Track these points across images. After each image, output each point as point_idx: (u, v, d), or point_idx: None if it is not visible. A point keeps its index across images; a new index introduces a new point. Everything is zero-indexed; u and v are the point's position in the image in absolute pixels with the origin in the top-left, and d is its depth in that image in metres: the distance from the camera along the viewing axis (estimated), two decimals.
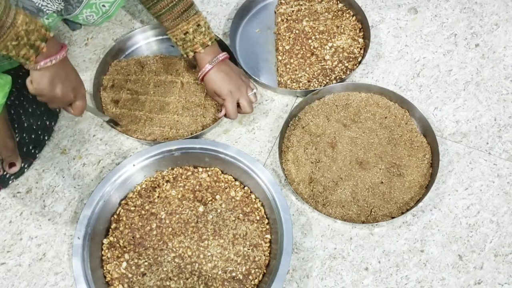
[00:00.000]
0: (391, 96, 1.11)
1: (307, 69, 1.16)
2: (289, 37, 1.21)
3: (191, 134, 1.09)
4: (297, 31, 1.21)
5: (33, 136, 1.11)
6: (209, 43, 1.01)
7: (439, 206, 1.03)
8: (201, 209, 1.00)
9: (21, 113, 1.14)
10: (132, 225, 0.99)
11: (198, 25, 0.99)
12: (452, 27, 1.26)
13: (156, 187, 1.03)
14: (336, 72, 1.16)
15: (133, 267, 0.95)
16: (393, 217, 0.97)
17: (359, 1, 1.25)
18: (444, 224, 1.01)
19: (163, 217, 0.99)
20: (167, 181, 1.03)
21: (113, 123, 1.08)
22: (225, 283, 0.93)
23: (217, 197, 1.01)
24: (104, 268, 0.95)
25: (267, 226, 0.98)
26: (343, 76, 1.15)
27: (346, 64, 1.17)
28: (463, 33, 1.25)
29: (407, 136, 1.06)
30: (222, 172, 1.05)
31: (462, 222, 1.01)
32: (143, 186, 1.03)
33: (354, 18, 1.23)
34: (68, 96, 0.90)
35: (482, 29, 1.26)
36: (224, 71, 1.02)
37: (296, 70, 1.17)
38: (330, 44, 1.19)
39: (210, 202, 1.01)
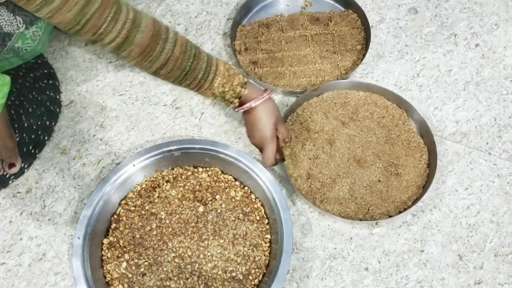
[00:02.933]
0: (389, 96, 1.11)
1: None
2: None
3: (337, 78, 1.15)
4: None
5: (33, 136, 1.11)
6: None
7: (439, 206, 1.03)
8: (201, 209, 1.00)
9: (21, 113, 1.14)
10: (132, 225, 0.99)
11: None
12: (452, 27, 1.26)
13: (156, 187, 1.03)
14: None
15: (133, 267, 0.95)
16: (390, 216, 0.97)
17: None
18: (444, 224, 1.01)
19: (163, 217, 0.99)
20: (167, 181, 1.03)
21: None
22: (225, 283, 0.93)
23: (217, 197, 1.01)
24: (104, 268, 0.95)
25: (267, 226, 0.98)
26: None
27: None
28: (463, 33, 1.25)
29: (405, 136, 1.06)
30: (222, 172, 1.05)
31: (462, 222, 1.01)
32: (143, 186, 1.03)
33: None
34: (256, 143, 1.00)
35: (482, 29, 1.26)
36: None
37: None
38: None
39: (210, 202, 1.01)
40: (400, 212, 0.98)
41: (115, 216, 1.00)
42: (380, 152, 1.05)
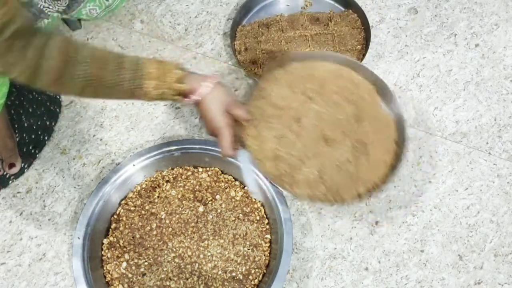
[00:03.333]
0: (358, 69, 1.01)
1: None
2: None
3: None
4: None
5: (33, 136, 1.11)
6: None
7: (439, 206, 1.03)
8: (201, 209, 1.00)
9: (21, 113, 1.14)
10: (132, 225, 0.99)
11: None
12: (452, 27, 1.26)
13: (156, 187, 1.03)
14: None
15: (133, 267, 0.95)
16: (360, 197, 0.91)
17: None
18: (444, 224, 1.01)
19: (163, 217, 0.99)
20: (167, 181, 1.03)
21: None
22: (225, 283, 0.93)
23: (217, 197, 1.01)
24: (104, 268, 0.95)
25: (267, 226, 0.98)
26: None
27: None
28: (463, 33, 1.25)
29: (373, 114, 0.97)
30: (222, 172, 1.05)
31: (462, 222, 1.01)
32: (143, 186, 1.03)
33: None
34: (211, 134, 0.89)
35: (482, 29, 1.26)
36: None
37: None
38: None
39: (210, 202, 1.01)
40: (370, 194, 0.92)
41: (115, 216, 1.00)
42: (349, 130, 0.95)
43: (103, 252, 0.97)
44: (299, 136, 0.93)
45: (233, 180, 1.04)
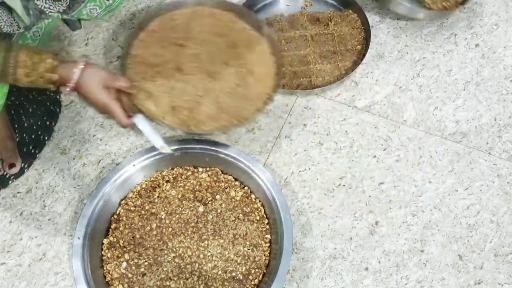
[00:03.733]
0: (211, 3, 1.10)
1: None
2: None
3: (337, 79, 1.16)
4: None
5: (33, 136, 1.11)
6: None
7: (439, 206, 1.03)
8: (201, 209, 1.00)
9: (21, 113, 1.14)
10: (132, 225, 0.99)
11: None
12: (452, 27, 1.26)
13: (156, 187, 1.03)
14: None
15: (133, 267, 0.95)
16: (259, 110, 0.99)
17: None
18: (444, 224, 1.01)
19: (163, 217, 0.99)
20: (167, 181, 1.03)
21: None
22: (225, 283, 0.93)
23: (217, 197, 1.01)
24: (104, 268, 0.95)
25: (267, 226, 0.99)
26: None
27: None
28: (463, 33, 1.25)
29: (243, 36, 1.07)
30: (222, 172, 1.05)
31: (462, 222, 1.01)
32: (143, 186, 1.03)
33: None
34: (103, 113, 0.93)
35: (482, 29, 1.26)
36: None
37: None
38: None
39: (210, 202, 1.01)
40: (266, 104, 1.00)
41: (115, 216, 1.00)
42: (228, 59, 1.04)
43: (103, 252, 0.97)
44: (186, 82, 1.01)
45: (233, 180, 1.04)
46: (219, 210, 1.00)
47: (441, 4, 1.21)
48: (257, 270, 0.94)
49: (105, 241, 0.98)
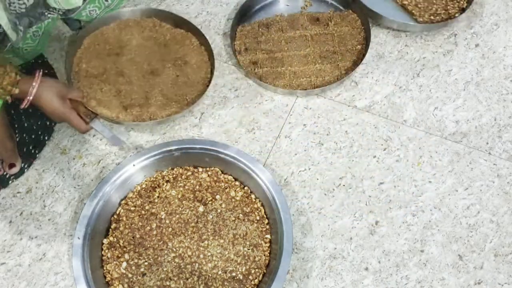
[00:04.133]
0: (133, 14, 1.21)
1: (436, 1, 1.25)
2: None
3: (337, 79, 1.16)
4: None
5: (33, 136, 1.11)
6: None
7: (439, 206, 1.03)
8: (201, 209, 1.00)
9: (21, 113, 1.14)
10: (132, 225, 0.99)
11: None
12: (452, 27, 1.26)
13: (156, 187, 1.03)
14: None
15: (133, 267, 0.95)
16: (203, 93, 1.11)
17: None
18: (444, 224, 1.01)
19: (163, 217, 0.99)
20: (167, 181, 1.03)
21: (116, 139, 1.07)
22: (225, 283, 0.93)
23: (217, 197, 1.01)
24: (104, 268, 0.95)
25: (267, 226, 0.98)
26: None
27: None
28: (463, 33, 1.25)
29: (169, 35, 1.20)
30: (222, 172, 1.05)
31: (462, 222, 1.01)
32: (143, 186, 1.03)
33: None
34: (61, 121, 1.02)
35: (482, 29, 1.26)
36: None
37: (428, 6, 1.24)
38: None
39: (210, 202, 1.01)
40: (208, 86, 1.12)
41: (115, 216, 1.00)
42: (164, 56, 1.17)
43: (103, 252, 0.97)
44: (130, 83, 1.13)
45: (233, 180, 1.04)
46: (219, 210, 1.00)
47: (428, 17, 1.21)
48: (257, 270, 0.94)
49: (105, 241, 0.98)
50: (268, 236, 0.98)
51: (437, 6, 1.24)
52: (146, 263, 0.95)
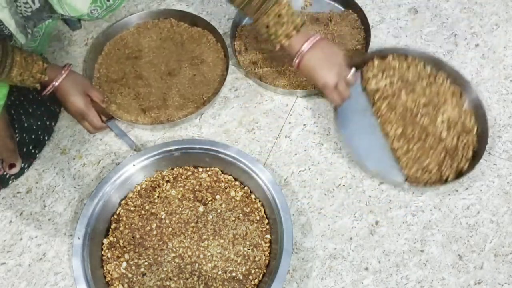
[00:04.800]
0: (151, 16, 1.26)
1: (431, 154, 1.02)
2: (395, 117, 1.06)
3: None
4: (401, 109, 1.06)
5: (33, 136, 1.11)
6: (294, 33, 0.97)
7: (439, 206, 1.03)
8: (201, 209, 1.00)
9: (21, 113, 1.14)
10: (132, 225, 0.99)
11: (279, 15, 0.96)
12: (452, 27, 1.26)
13: (156, 187, 1.03)
14: (459, 152, 1.02)
15: (133, 267, 0.95)
16: (218, 91, 1.13)
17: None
18: (444, 224, 1.01)
19: (163, 217, 0.99)
20: (167, 181, 1.03)
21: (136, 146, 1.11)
22: (225, 283, 0.93)
23: (217, 197, 1.01)
24: (104, 268, 0.96)
25: (267, 226, 0.99)
26: (467, 158, 1.03)
27: (465, 140, 1.03)
28: (463, 33, 1.25)
29: (186, 34, 1.23)
30: (222, 172, 1.05)
31: (462, 222, 1.01)
32: (143, 186, 1.03)
33: (448, 82, 1.10)
34: (76, 115, 1.07)
35: (482, 29, 1.26)
36: (317, 58, 0.99)
37: (420, 158, 1.02)
38: (440, 118, 1.04)
39: (210, 202, 1.01)
40: (223, 83, 1.14)
41: (115, 216, 1.00)
42: (179, 56, 1.20)
43: (103, 252, 0.97)
44: (149, 86, 1.16)
45: (233, 180, 1.04)
46: (219, 210, 1.00)
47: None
48: (257, 270, 0.94)
49: (105, 241, 0.98)
50: (268, 236, 0.98)
51: None
52: (146, 263, 0.95)
